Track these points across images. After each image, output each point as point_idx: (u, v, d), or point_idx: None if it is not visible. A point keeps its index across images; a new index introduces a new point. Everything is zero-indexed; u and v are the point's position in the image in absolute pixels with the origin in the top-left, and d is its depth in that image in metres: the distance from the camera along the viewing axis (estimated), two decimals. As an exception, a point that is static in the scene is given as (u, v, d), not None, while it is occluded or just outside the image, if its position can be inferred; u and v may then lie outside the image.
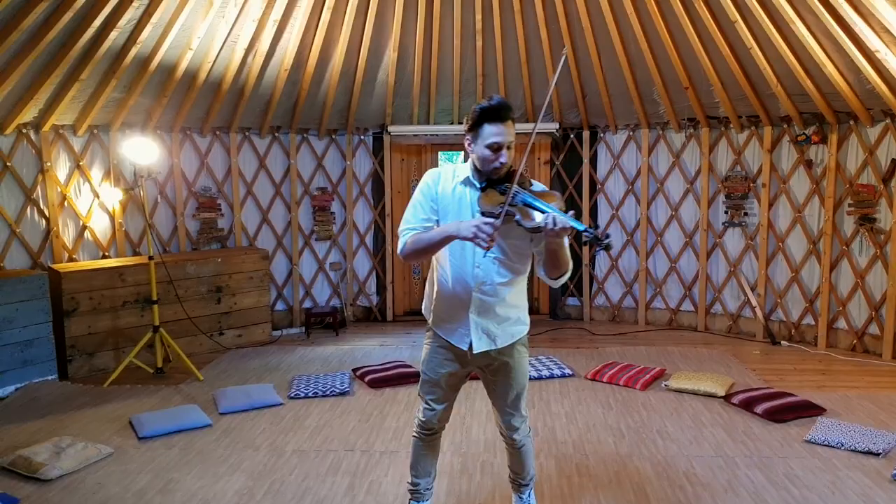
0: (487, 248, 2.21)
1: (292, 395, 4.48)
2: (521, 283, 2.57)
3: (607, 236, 2.17)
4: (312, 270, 6.51)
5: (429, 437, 2.72)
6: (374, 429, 3.94)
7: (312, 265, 6.50)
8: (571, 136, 6.39)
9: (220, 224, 6.11)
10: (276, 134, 6.25)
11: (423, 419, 2.68)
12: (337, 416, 4.15)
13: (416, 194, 2.53)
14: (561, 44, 5.58)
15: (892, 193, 5.03)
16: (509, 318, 2.54)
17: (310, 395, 4.47)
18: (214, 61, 5.21)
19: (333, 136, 6.42)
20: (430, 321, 2.64)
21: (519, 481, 2.83)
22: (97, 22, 4.30)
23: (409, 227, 2.48)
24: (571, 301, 6.62)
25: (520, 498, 2.88)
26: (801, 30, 4.46)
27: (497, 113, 2.34)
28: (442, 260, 2.53)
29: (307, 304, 6.48)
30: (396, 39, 5.55)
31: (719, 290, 6.05)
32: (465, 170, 2.50)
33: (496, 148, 2.35)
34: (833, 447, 3.56)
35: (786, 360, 5.23)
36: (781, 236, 5.70)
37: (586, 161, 6.38)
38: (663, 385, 4.55)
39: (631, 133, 6.28)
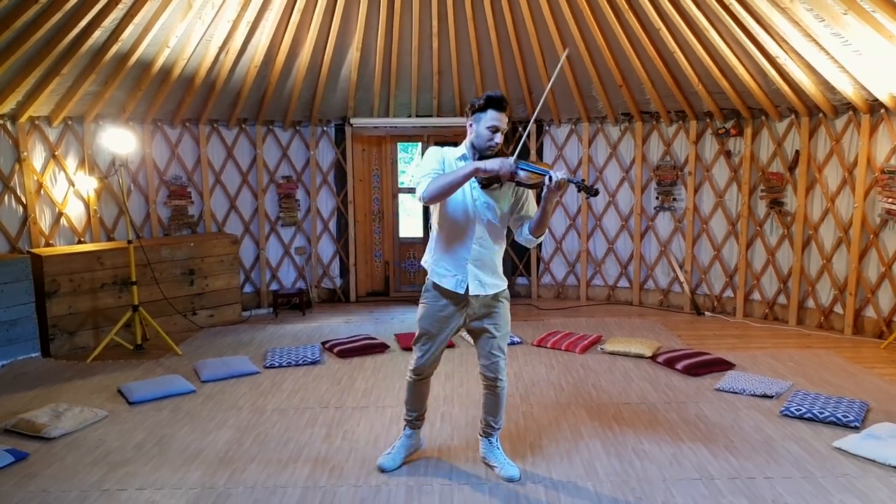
0: (510, 178, 2.82)
1: (268, 364, 4.89)
2: (503, 246, 3.13)
3: (595, 188, 2.76)
4: (278, 255, 6.88)
5: (421, 379, 3.25)
6: (346, 390, 4.41)
7: (278, 250, 6.88)
8: (520, 128, 6.95)
9: (190, 211, 6.42)
10: (244, 125, 6.57)
11: (417, 366, 3.19)
12: (311, 381, 4.59)
13: (427, 158, 3.01)
14: (510, 47, 6.10)
15: (797, 180, 5.76)
16: (495, 271, 3.09)
17: (284, 364, 4.89)
18: (189, 58, 5.52)
19: (298, 128, 6.79)
20: (430, 277, 3.13)
21: (492, 424, 3.27)
22: (83, 22, 4.57)
23: (427, 174, 2.91)
24: (521, 280, 7.20)
25: (489, 442, 3.28)
26: (714, 37, 5.09)
27: (499, 103, 2.93)
28: (448, 219, 3.03)
29: (274, 286, 6.86)
30: (360, 39, 5.95)
31: (651, 267, 6.72)
32: (460, 150, 3.05)
33: (494, 130, 2.91)
34: (737, 393, 4.22)
35: (708, 328, 5.92)
36: (705, 219, 6.38)
37: (533, 152, 6.94)
38: (599, 349, 5.16)
39: (573, 126, 6.87)
